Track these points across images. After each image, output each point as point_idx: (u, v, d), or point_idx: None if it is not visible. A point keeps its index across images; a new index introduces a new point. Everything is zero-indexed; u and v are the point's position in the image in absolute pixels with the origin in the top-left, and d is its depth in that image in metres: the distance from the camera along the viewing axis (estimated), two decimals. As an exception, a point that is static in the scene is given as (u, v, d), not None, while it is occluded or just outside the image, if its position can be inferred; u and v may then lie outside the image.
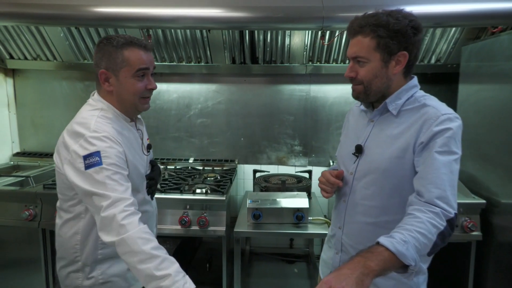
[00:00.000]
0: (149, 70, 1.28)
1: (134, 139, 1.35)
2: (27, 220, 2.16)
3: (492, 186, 2.05)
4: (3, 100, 2.92)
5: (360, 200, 1.20)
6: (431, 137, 1.05)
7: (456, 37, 2.37)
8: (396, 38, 1.07)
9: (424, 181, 1.03)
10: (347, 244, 1.25)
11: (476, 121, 2.22)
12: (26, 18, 2.14)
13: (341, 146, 1.37)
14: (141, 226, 1.09)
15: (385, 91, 1.15)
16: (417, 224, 0.95)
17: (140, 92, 1.26)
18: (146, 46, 1.26)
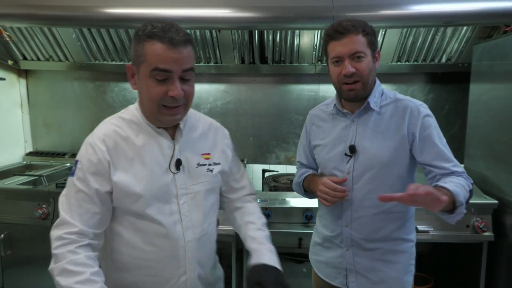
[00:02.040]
0: (173, 72, 0.99)
1: (158, 150, 1.09)
2: (40, 218, 2.19)
3: (504, 186, 2.02)
4: (16, 100, 2.97)
5: (366, 194, 1.27)
6: (421, 127, 1.24)
7: (468, 36, 2.35)
8: (374, 37, 1.25)
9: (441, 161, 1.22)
10: (358, 238, 1.31)
11: (487, 120, 2.19)
12: (39, 19, 2.18)
13: (322, 151, 1.38)
14: (72, 258, 0.95)
15: (372, 87, 1.28)
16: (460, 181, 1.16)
17: (157, 98, 1.00)
18: (172, 40, 0.96)
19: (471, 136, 2.37)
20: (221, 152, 1.21)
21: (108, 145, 1.05)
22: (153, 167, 1.07)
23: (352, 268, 1.33)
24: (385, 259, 1.31)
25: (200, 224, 1.13)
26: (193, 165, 1.13)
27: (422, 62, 2.57)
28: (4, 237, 2.24)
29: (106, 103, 2.98)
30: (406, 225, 1.33)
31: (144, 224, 1.07)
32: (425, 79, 2.75)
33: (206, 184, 1.14)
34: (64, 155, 2.99)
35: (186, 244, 1.09)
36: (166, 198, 1.08)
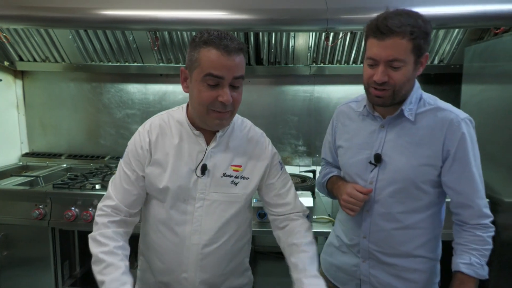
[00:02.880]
0: (224, 79, 1.03)
1: (190, 151, 1.15)
2: (37, 219, 2.20)
3: (495, 185, 2.07)
4: (12, 101, 2.97)
5: (387, 209, 1.18)
6: (460, 145, 1.11)
7: (459, 38, 2.39)
8: (426, 40, 1.06)
9: (471, 196, 1.13)
10: (376, 251, 1.23)
11: (479, 121, 2.20)
12: (36, 21, 2.19)
13: (346, 153, 1.28)
14: (103, 230, 1.10)
15: (408, 95, 1.14)
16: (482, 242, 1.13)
17: (207, 103, 1.04)
18: (227, 47, 1.00)
19: (463, 136, 2.41)
20: (253, 168, 1.19)
21: (151, 137, 1.15)
22: (181, 166, 1.14)
23: (367, 280, 1.26)
24: (403, 276, 1.22)
25: (210, 232, 1.14)
26: (219, 174, 1.15)
27: (415, 64, 2.61)
28: (1, 238, 2.24)
29: (103, 104, 2.99)
30: (430, 243, 1.22)
31: (161, 214, 1.16)
32: (419, 80, 2.75)
33: (226, 195, 1.16)
34: (61, 156, 3.00)
35: (191, 246, 1.14)
36: (185, 197, 1.14)
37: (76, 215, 2.18)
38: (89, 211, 2.17)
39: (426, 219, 1.18)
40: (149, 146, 1.14)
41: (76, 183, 2.32)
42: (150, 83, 2.90)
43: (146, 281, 1.27)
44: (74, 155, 3.00)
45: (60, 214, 2.19)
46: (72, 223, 2.19)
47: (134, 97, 2.95)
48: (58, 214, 2.21)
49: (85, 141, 3.03)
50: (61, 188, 2.26)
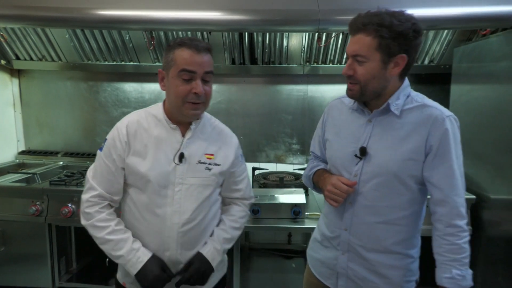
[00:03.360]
0: (196, 73, 1.20)
1: (168, 142, 1.28)
2: (34, 215, 2.23)
3: (482, 182, 2.13)
4: (9, 99, 2.99)
5: (370, 202, 1.20)
6: (442, 141, 1.12)
7: (449, 38, 2.45)
8: (397, 40, 1.07)
9: (448, 193, 1.13)
10: (356, 244, 1.24)
11: (467, 120, 2.29)
12: (33, 20, 2.21)
13: (333, 146, 1.31)
14: (98, 217, 1.25)
15: (381, 92, 1.16)
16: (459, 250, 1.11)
17: (182, 95, 1.21)
18: (197, 46, 1.19)
19: (452, 135, 2.47)
20: (224, 156, 1.35)
21: (129, 131, 1.27)
22: (160, 155, 1.27)
23: (344, 272, 1.28)
24: (379, 272, 1.24)
25: (189, 212, 1.28)
26: (194, 161, 1.30)
27: (406, 64, 2.66)
28: (-2, 234, 2.28)
29: (99, 102, 3.02)
30: (410, 240, 1.23)
31: (142, 199, 1.28)
32: (410, 80, 2.82)
33: (201, 179, 1.30)
34: (57, 153, 3.03)
35: (171, 225, 1.27)
36: (165, 183, 1.26)
37: (72, 211, 2.22)
38: (85, 207, 2.20)
39: (408, 216, 1.20)
40: (127, 138, 1.26)
41: (73, 180, 2.36)
42: (146, 82, 2.94)
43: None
44: (70, 153, 3.03)
45: (57, 211, 2.23)
46: (68, 219, 2.22)
47: (130, 95, 2.99)
48: (55, 211, 2.24)
49: (81, 139, 3.06)
50: (57, 185, 2.29)
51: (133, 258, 1.22)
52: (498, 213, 1.99)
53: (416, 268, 1.28)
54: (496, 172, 2.00)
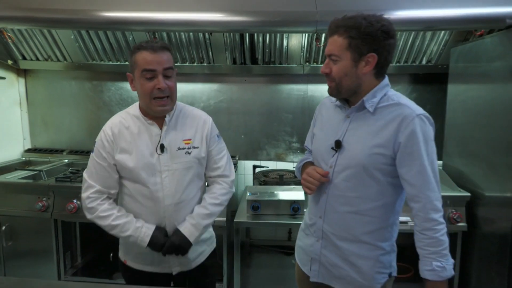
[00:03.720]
0: (156, 71, 1.33)
1: (148, 137, 1.42)
2: (40, 211, 2.30)
3: (477, 180, 2.17)
4: (16, 99, 3.07)
5: (341, 191, 1.28)
6: (410, 138, 1.16)
7: (446, 39, 2.50)
8: (366, 40, 1.15)
9: (421, 189, 1.18)
10: (329, 232, 1.32)
11: (463, 119, 2.34)
12: (40, 22, 2.27)
13: (317, 140, 1.40)
14: (101, 208, 1.40)
15: (357, 89, 1.24)
16: (437, 243, 1.17)
17: (148, 92, 1.34)
18: (153, 47, 1.33)
19: (449, 134, 2.52)
20: (201, 138, 1.50)
21: (114, 131, 1.42)
22: (144, 149, 1.41)
23: (318, 258, 1.35)
24: (350, 260, 1.30)
25: (178, 193, 1.44)
26: (174, 149, 1.44)
27: (404, 64, 2.71)
28: (6, 229, 2.35)
29: (103, 101, 3.09)
30: (380, 232, 1.29)
31: (137, 188, 1.43)
32: (408, 79, 2.89)
33: (184, 163, 1.45)
34: (62, 151, 3.10)
35: (165, 206, 1.43)
36: (152, 172, 1.42)
37: (77, 207, 2.28)
38: (90, 203, 2.27)
39: (378, 208, 1.25)
40: (113, 138, 1.41)
41: (78, 177, 2.42)
42: (149, 82, 3.00)
43: (128, 246, 1.52)
44: (75, 150, 3.10)
45: (62, 207, 2.30)
46: (73, 215, 2.30)
47: (134, 95, 3.04)
48: (61, 206, 2.31)
49: (85, 137, 3.12)
50: (63, 181, 2.36)
51: (140, 234, 1.40)
52: (492, 210, 2.03)
53: (388, 261, 1.32)
54: (490, 170, 2.05)
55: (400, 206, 1.32)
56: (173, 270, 1.51)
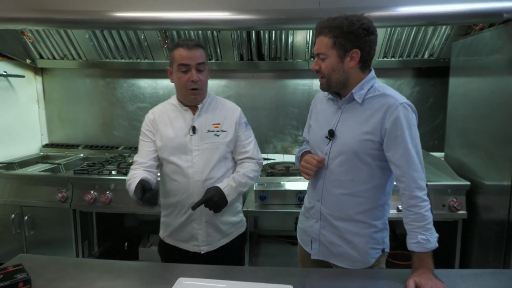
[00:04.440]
0: (191, 65, 1.53)
1: (183, 120, 1.62)
2: (60, 201, 2.44)
3: (476, 169, 2.25)
4: (33, 96, 3.22)
5: (336, 176, 1.39)
6: (394, 124, 1.28)
7: (447, 33, 2.56)
8: (348, 38, 1.28)
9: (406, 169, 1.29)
10: (326, 213, 1.44)
11: (464, 111, 2.41)
12: (56, 23, 2.39)
13: (313, 130, 1.52)
14: (132, 172, 1.56)
15: (345, 83, 1.36)
16: (421, 218, 1.27)
17: (184, 84, 1.54)
18: (188, 45, 1.53)
19: (450, 126, 2.59)
20: (229, 124, 1.67)
21: (155, 115, 1.65)
22: (178, 130, 1.62)
23: (317, 238, 1.47)
24: (346, 238, 1.41)
25: (206, 171, 1.60)
26: (205, 131, 1.62)
27: (407, 58, 2.78)
28: (28, 219, 2.49)
29: (116, 98, 3.22)
30: (372, 211, 1.40)
31: (171, 166, 1.62)
32: (412, 73, 2.96)
33: (212, 144, 1.62)
34: (78, 146, 3.24)
35: (195, 182, 1.59)
36: (185, 151, 1.60)
37: (95, 198, 2.42)
38: (106, 194, 2.40)
39: (369, 190, 1.37)
40: (154, 121, 1.64)
41: (94, 169, 2.56)
42: (160, 78, 3.13)
43: (166, 224, 1.70)
44: (90, 145, 3.24)
45: (81, 197, 2.43)
46: (91, 205, 2.43)
47: (145, 91, 3.17)
48: (79, 197, 2.45)
49: (100, 132, 3.27)
50: (81, 173, 2.50)
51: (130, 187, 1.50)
52: (491, 198, 2.11)
53: (381, 238, 1.44)
54: (489, 160, 2.12)
55: (390, 188, 1.43)
56: (201, 249, 1.64)
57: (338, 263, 1.44)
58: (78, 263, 1.47)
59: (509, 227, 1.94)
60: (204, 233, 1.62)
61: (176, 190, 1.61)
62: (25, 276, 1.10)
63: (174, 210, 1.65)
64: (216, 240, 1.65)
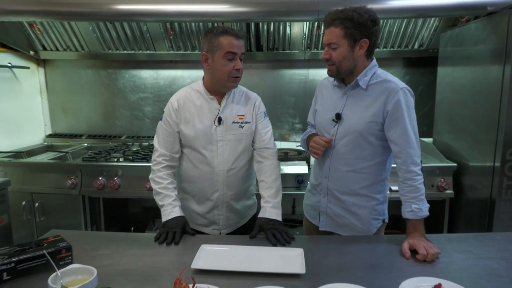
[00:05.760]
0: (237, 54, 1.54)
1: (208, 110, 1.63)
2: (69, 188, 2.55)
3: (463, 152, 2.42)
4: (36, 87, 3.29)
5: (342, 155, 1.54)
6: (395, 107, 1.43)
7: (436, 25, 2.71)
8: (359, 29, 1.40)
9: (404, 147, 1.44)
10: (333, 189, 1.59)
11: (451, 99, 2.57)
12: (60, 15, 2.45)
13: (319, 114, 1.64)
14: (158, 174, 1.63)
15: (353, 70, 1.49)
16: (415, 190, 1.42)
17: (229, 71, 1.54)
18: (237, 34, 1.54)
19: (438, 113, 2.75)
20: (251, 114, 1.71)
21: (179, 103, 1.64)
22: (204, 120, 1.63)
23: (324, 211, 1.62)
24: (351, 210, 1.57)
25: (230, 161, 1.66)
26: (230, 122, 1.65)
27: (398, 48, 2.93)
28: (38, 205, 2.60)
29: (118, 88, 3.30)
30: (374, 186, 1.55)
31: (196, 155, 1.66)
32: (402, 63, 3.11)
33: (236, 135, 1.66)
34: (81, 136, 3.33)
35: (219, 171, 1.65)
36: (210, 140, 1.64)
37: (103, 184, 2.53)
38: (115, 180, 2.52)
39: (372, 166, 1.52)
40: (178, 108, 1.64)
41: (102, 157, 2.66)
42: (161, 69, 3.22)
43: (185, 208, 1.72)
44: (93, 135, 3.33)
45: (90, 183, 2.54)
46: (100, 191, 2.54)
47: (147, 81, 3.27)
48: (88, 184, 2.56)
49: (102, 122, 3.36)
50: (89, 161, 2.60)
51: (167, 210, 1.57)
52: (475, 178, 2.28)
53: (382, 210, 1.61)
54: (474, 143, 2.29)
55: (390, 165, 1.59)
56: (221, 231, 1.72)
57: (343, 233, 1.60)
58: (108, 236, 1.62)
59: (491, 204, 2.12)
60: (225, 218, 1.70)
61: (198, 177, 1.66)
62: (66, 244, 1.22)
63: (194, 196, 1.71)
64: (235, 223, 1.75)
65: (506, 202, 2.08)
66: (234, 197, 1.70)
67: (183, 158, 1.71)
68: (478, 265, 1.26)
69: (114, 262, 1.27)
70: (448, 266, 1.26)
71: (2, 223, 2.09)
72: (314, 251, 1.37)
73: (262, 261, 1.29)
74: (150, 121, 3.31)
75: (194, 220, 1.73)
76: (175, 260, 1.32)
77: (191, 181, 1.70)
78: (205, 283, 1.09)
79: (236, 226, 1.76)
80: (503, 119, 2.00)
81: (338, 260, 1.31)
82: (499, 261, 1.27)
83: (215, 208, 1.69)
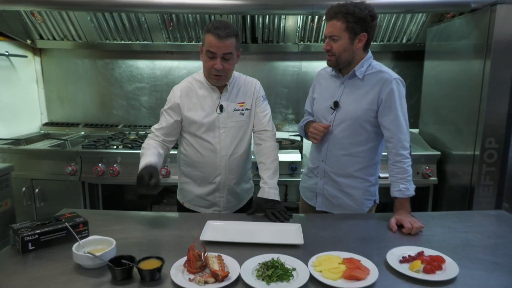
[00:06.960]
0: (216, 54, 1.58)
1: (210, 99, 1.72)
2: (69, 174, 2.61)
3: (446, 142, 2.57)
4: (32, 76, 3.31)
5: (339, 140, 1.67)
6: (389, 95, 1.56)
7: (423, 20, 2.84)
8: (359, 23, 1.52)
9: (395, 132, 1.57)
10: (329, 171, 1.72)
11: (436, 91, 2.72)
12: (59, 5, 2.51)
13: (317, 102, 1.76)
14: (148, 141, 1.72)
15: (351, 61, 1.61)
16: (403, 172, 1.57)
17: (208, 68, 1.63)
18: (219, 35, 1.56)
19: (424, 105, 2.90)
20: (250, 100, 1.79)
21: (182, 93, 1.73)
22: (206, 108, 1.72)
23: (321, 192, 1.76)
24: (345, 191, 1.70)
25: (233, 146, 1.76)
26: (231, 110, 1.74)
27: (387, 42, 3.06)
28: (38, 191, 2.65)
29: (114, 78, 3.36)
30: (367, 169, 1.69)
31: (199, 141, 1.74)
32: (391, 56, 3.25)
33: (238, 122, 1.76)
34: (78, 125, 3.38)
35: (221, 157, 1.75)
36: (213, 127, 1.73)
37: (103, 170, 2.60)
38: (114, 166, 2.60)
39: (366, 151, 1.65)
40: (180, 99, 1.73)
41: (101, 144, 2.73)
42: (157, 60, 3.28)
43: (186, 191, 1.84)
44: (90, 124, 3.39)
45: (89, 170, 2.61)
46: (100, 177, 2.62)
47: (143, 72, 3.33)
48: (87, 170, 2.63)
49: (99, 111, 3.41)
50: (89, 148, 2.67)
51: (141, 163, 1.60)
52: (457, 166, 2.44)
53: (374, 191, 1.75)
54: (457, 133, 2.44)
55: (381, 149, 1.72)
56: (222, 213, 1.82)
57: (338, 213, 1.73)
58: (118, 214, 1.69)
59: (471, 190, 2.28)
60: (225, 200, 1.81)
61: (201, 162, 1.75)
62: (83, 219, 1.31)
63: (196, 180, 1.80)
64: (234, 206, 1.86)
65: (484, 187, 2.24)
66: (235, 181, 1.81)
67: (187, 144, 1.78)
68: (456, 237, 1.41)
69: (127, 236, 1.38)
70: (430, 238, 1.40)
71: (7, 207, 2.15)
72: (311, 227, 1.50)
73: (264, 234, 1.42)
74: (146, 111, 3.38)
75: (196, 203, 1.84)
76: (184, 234, 1.43)
77: (194, 166, 1.78)
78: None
79: (235, 209, 1.88)
80: (483, 111, 2.15)
81: (333, 234, 1.44)
82: (474, 234, 1.43)
83: (216, 191, 1.79)
